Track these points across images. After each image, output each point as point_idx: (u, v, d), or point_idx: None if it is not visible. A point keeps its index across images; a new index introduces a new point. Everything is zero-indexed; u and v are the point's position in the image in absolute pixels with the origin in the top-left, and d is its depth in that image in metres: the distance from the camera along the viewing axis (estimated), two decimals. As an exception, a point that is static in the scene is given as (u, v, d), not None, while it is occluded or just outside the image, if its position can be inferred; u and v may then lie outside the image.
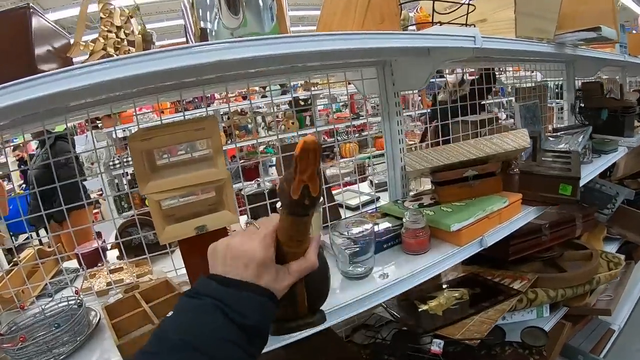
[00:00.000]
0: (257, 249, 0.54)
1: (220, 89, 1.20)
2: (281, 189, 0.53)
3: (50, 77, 0.66)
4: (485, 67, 1.81)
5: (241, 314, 0.51)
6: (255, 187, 1.41)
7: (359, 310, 1.01)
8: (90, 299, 1.20)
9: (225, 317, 0.50)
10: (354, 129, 5.26)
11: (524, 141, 1.29)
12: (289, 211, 0.54)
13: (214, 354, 0.49)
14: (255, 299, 0.53)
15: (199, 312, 0.51)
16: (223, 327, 0.50)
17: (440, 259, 1.13)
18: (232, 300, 0.51)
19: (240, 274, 0.54)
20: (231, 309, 0.51)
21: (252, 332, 0.52)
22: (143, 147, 0.95)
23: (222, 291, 0.52)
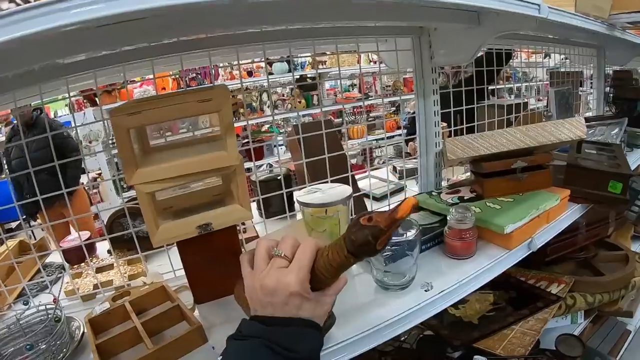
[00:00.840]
0: (293, 284, 0.49)
1: (229, 56, 0.93)
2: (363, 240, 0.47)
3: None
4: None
5: (290, 349, 0.48)
6: (267, 172, 1.14)
7: (398, 332, 0.76)
8: (75, 303, 0.94)
9: (276, 355, 0.48)
10: (361, 110, 4.93)
11: (580, 131, 1.04)
12: (356, 255, 0.49)
13: None
14: (300, 332, 0.50)
15: (250, 354, 0.49)
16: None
17: (489, 266, 0.89)
18: (279, 338, 0.49)
19: (281, 311, 0.51)
20: (280, 346, 0.48)
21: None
22: (130, 124, 0.69)
23: (267, 331, 0.50)
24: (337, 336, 0.69)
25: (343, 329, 0.71)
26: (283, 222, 1.00)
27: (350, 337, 0.69)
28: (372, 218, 0.47)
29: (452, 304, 0.84)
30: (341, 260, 0.50)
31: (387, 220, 0.46)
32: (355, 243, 0.47)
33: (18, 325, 0.80)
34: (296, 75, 4.25)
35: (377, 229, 0.46)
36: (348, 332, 0.70)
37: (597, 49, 1.83)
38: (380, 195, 1.23)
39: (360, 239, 0.47)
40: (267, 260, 0.53)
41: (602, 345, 1.66)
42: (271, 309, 0.50)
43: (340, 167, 0.98)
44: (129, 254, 1.05)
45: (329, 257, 0.50)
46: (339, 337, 0.69)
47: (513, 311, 1.13)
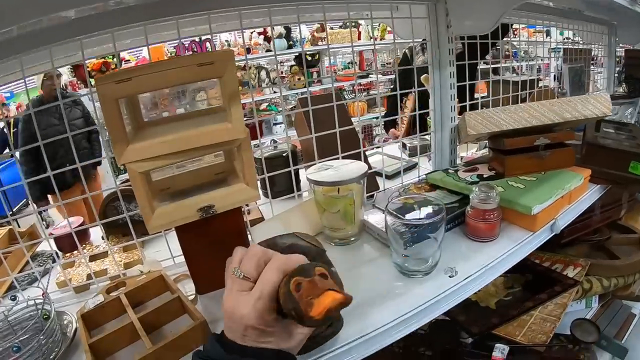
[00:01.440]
0: (247, 317, 0.41)
1: (231, 22, 0.81)
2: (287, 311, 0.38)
3: None
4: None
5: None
6: (271, 149, 1.03)
7: (420, 324, 0.68)
8: (68, 295, 0.84)
9: None
10: (360, 87, 4.77)
11: (606, 108, 0.95)
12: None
13: None
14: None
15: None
16: None
17: (514, 249, 0.80)
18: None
19: (240, 340, 0.43)
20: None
21: None
22: (119, 93, 0.58)
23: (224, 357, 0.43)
24: (353, 333, 0.60)
25: (360, 323, 0.62)
26: (289, 202, 0.90)
27: (369, 333, 0.61)
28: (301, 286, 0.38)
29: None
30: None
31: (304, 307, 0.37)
32: (284, 311, 0.39)
33: (6, 323, 0.71)
34: (295, 52, 4.12)
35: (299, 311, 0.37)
36: (365, 328, 0.61)
37: (609, 26, 1.72)
38: (392, 173, 1.13)
39: (286, 309, 0.38)
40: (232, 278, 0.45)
41: (608, 328, 1.60)
42: (232, 335, 0.43)
43: (350, 143, 0.88)
44: (125, 239, 0.95)
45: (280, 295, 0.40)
46: (356, 333, 0.60)
47: (530, 295, 1.05)
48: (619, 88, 1.69)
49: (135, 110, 0.69)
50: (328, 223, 0.78)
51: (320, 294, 0.37)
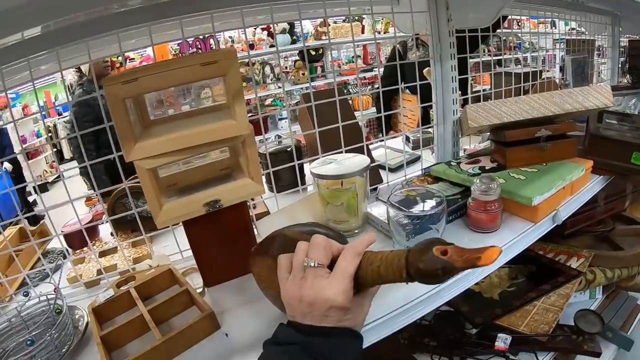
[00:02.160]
0: (333, 298, 0.45)
1: (233, 21, 0.83)
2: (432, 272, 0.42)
3: None
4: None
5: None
6: (276, 144, 1.05)
7: (422, 313, 0.70)
8: (79, 290, 0.87)
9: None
10: (365, 81, 4.76)
11: (607, 99, 0.95)
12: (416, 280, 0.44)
13: None
14: (340, 343, 0.46)
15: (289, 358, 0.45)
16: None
17: (516, 239, 0.81)
18: (318, 347, 0.45)
19: (320, 323, 0.46)
20: (320, 355, 0.44)
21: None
22: (126, 93, 0.60)
23: (306, 340, 0.45)
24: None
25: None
26: (294, 196, 0.92)
27: (372, 322, 0.62)
28: (447, 252, 0.42)
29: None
30: (395, 278, 0.46)
31: (465, 263, 0.41)
32: (422, 272, 0.43)
33: (19, 318, 0.73)
34: (297, 48, 4.08)
35: (451, 267, 0.41)
36: (369, 317, 0.63)
37: (612, 17, 1.71)
38: (396, 166, 1.14)
39: (429, 270, 0.42)
40: (303, 269, 0.48)
41: (613, 320, 1.60)
42: (310, 319, 0.46)
43: (353, 137, 0.89)
44: (134, 235, 0.97)
45: (380, 270, 0.46)
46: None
47: (534, 286, 1.06)
48: (624, 79, 1.68)
49: (141, 109, 0.71)
50: (332, 216, 0.79)
51: (482, 251, 0.41)
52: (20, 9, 0.64)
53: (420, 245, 0.44)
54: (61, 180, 0.85)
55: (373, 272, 0.47)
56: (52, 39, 0.76)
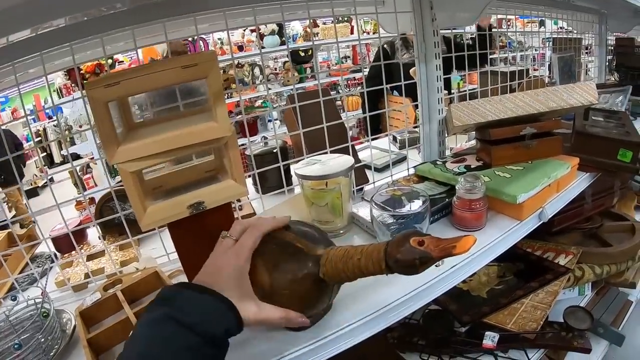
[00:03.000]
0: (227, 265, 0.50)
1: (217, 24, 0.83)
2: (409, 263, 0.45)
3: None
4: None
5: (187, 312, 0.45)
6: (262, 145, 1.06)
7: (408, 312, 0.70)
8: (67, 294, 0.87)
9: (176, 325, 0.44)
10: (354, 82, 4.79)
11: (592, 96, 0.96)
12: (394, 271, 0.47)
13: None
14: (208, 300, 0.47)
15: (153, 327, 0.45)
16: (175, 336, 0.43)
17: (501, 237, 0.82)
18: (182, 301, 0.46)
19: (209, 283, 0.49)
20: (178, 308, 0.45)
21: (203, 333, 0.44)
22: (108, 96, 0.60)
23: (174, 292, 0.47)
24: (344, 320, 0.63)
25: (349, 311, 0.64)
26: (280, 197, 0.92)
27: (358, 320, 0.63)
28: (424, 242, 0.45)
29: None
30: (375, 270, 0.48)
31: (441, 252, 0.44)
32: (400, 263, 0.45)
33: (7, 323, 0.73)
34: (283, 49, 4.09)
35: (428, 256, 0.44)
36: (355, 315, 0.64)
37: (599, 15, 1.74)
38: (382, 166, 1.16)
39: (407, 260, 0.45)
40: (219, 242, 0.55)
41: (604, 316, 1.61)
42: (201, 278, 0.51)
43: (339, 138, 0.90)
44: (121, 239, 0.98)
45: (360, 263, 0.48)
46: (346, 320, 0.63)
47: (522, 284, 1.08)
48: (611, 77, 1.70)
49: (125, 112, 0.72)
50: (317, 216, 0.80)
51: (458, 240, 0.45)
52: (6, 12, 0.64)
53: (398, 237, 0.47)
54: (51, 186, 0.85)
55: (354, 265, 0.48)
56: (38, 43, 0.76)
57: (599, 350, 1.41)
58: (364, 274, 0.49)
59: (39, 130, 4.59)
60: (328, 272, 0.51)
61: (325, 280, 0.52)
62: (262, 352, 0.58)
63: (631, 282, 1.49)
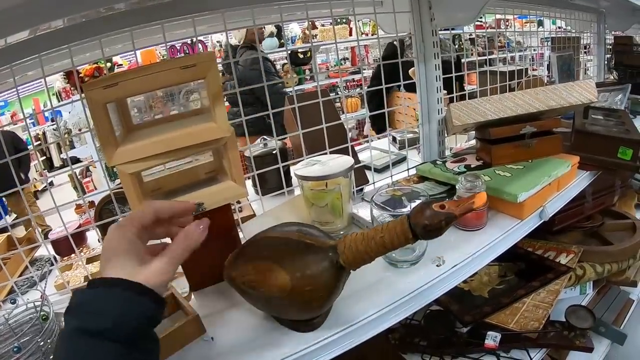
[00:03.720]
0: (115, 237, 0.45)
1: (216, 25, 0.83)
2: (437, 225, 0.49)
3: None
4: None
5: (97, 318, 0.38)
6: (261, 147, 1.06)
7: (410, 312, 0.70)
8: (66, 297, 0.87)
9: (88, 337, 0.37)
10: (353, 84, 4.80)
11: (591, 94, 0.96)
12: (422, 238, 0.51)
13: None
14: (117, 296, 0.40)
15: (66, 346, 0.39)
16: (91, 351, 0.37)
17: (502, 237, 0.82)
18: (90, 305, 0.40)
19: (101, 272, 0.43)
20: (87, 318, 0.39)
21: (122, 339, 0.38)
22: (107, 98, 0.60)
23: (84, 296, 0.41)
24: (346, 320, 0.63)
25: (352, 311, 0.64)
26: (280, 198, 0.92)
27: (360, 320, 0.63)
28: (445, 206, 0.49)
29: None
30: (399, 243, 0.51)
31: (462, 210, 0.49)
32: (428, 227, 0.49)
33: (7, 326, 0.73)
34: (282, 51, 4.10)
35: (452, 216, 0.49)
36: (357, 315, 0.63)
37: (597, 14, 1.74)
38: (382, 167, 1.15)
39: (434, 224, 0.49)
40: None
41: (606, 315, 1.61)
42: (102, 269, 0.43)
43: (338, 138, 0.90)
44: (121, 242, 0.97)
45: (384, 240, 0.51)
46: (349, 321, 0.62)
47: (523, 283, 1.07)
48: (610, 75, 1.70)
49: (124, 114, 0.72)
50: (317, 217, 0.80)
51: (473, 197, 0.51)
52: (4, 13, 0.64)
53: (418, 207, 0.51)
54: (50, 190, 0.85)
55: (377, 244, 0.51)
56: (36, 45, 0.76)
57: (601, 349, 1.40)
58: (388, 249, 0.52)
59: (38, 134, 4.59)
60: (348, 258, 0.53)
61: (345, 267, 0.54)
62: (264, 353, 0.58)
63: (632, 280, 1.49)
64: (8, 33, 0.70)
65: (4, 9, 0.63)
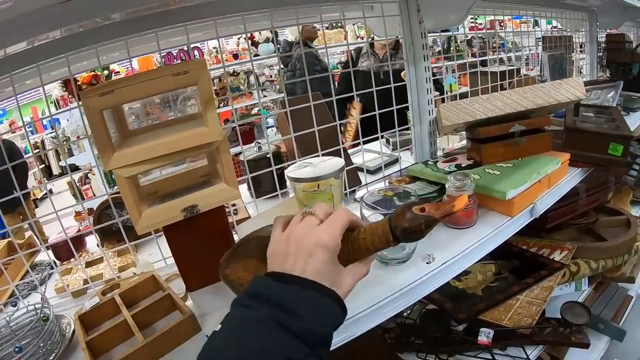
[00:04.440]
0: (323, 236, 0.45)
1: (208, 32, 0.86)
2: (416, 228, 0.48)
3: None
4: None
5: (296, 315, 0.40)
6: (255, 151, 1.08)
7: (400, 308, 0.72)
8: (66, 300, 0.90)
9: (280, 328, 0.39)
10: None
11: (579, 92, 0.99)
12: (402, 241, 0.49)
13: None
14: (320, 300, 0.42)
15: (250, 326, 0.40)
16: (279, 342, 0.39)
17: (492, 234, 0.84)
18: (287, 299, 0.41)
19: (301, 265, 0.43)
20: (284, 310, 0.40)
21: (311, 339, 0.40)
22: (103, 105, 0.63)
23: (275, 288, 0.42)
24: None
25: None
26: (275, 201, 0.95)
27: (351, 317, 0.65)
28: (425, 209, 0.49)
29: (454, 276, 0.80)
30: (381, 245, 0.50)
31: (442, 213, 0.48)
32: (407, 230, 0.48)
33: (8, 328, 0.75)
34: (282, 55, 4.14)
35: (432, 219, 0.48)
36: (351, 311, 0.65)
37: (589, 12, 1.77)
38: (375, 168, 1.18)
39: (414, 227, 0.48)
40: (301, 217, 0.49)
41: (604, 312, 1.62)
42: (291, 264, 0.44)
43: (331, 141, 0.93)
44: (119, 245, 1.00)
45: (366, 241, 0.50)
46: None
47: (517, 280, 1.09)
48: (604, 73, 1.73)
49: (121, 120, 0.74)
50: (310, 218, 0.82)
51: (454, 200, 0.50)
52: (2, 25, 0.67)
53: (399, 209, 0.50)
54: (51, 197, 0.88)
55: (360, 245, 0.50)
56: (35, 55, 0.79)
57: (600, 346, 1.42)
58: (370, 250, 0.51)
59: (37, 142, 4.63)
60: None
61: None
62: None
63: (629, 276, 1.50)
64: (7, 44, 0.73)
65: (2, 22, 0.65)
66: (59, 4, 0.65)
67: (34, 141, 4.63)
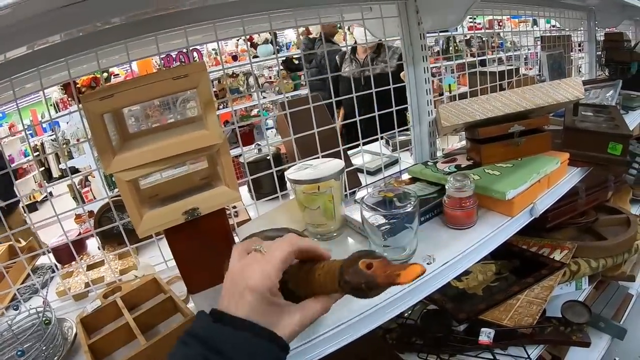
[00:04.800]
0: (252, 278, 0.43)
1: (208, 35, 0.86)
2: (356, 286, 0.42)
3: None
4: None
5: (226, 356, 0.40)
6: (255, 152, 1.09)
7: (402, 309, 0.72)
8: (68, 303, 0.90)
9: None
10: None
11: (578, 92, 0.99)
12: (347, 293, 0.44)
13: None
14: (246, 338, 0.41)
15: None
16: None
17: (492, 234, 0.84)
18: (220, 339, 0.41)
19: (234, 307, 0.43)
20: (217, 351, 0.40)
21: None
22: (103, 108, 0.63)
23: (210, 329, 0.42)
24: (339, 317, 0.65)
25: (345, 309, 0.67)
26: (275, 203, 0.95)
27: (353, 318, 0.65)
28: (372, 265, 0.42)
29: (455, 276, 0.80)
30: (332, 289, 0.45)
31: (386, 279, 0.41)
32: (349, 285, 0.43)
33: (10, 332, 0.76)
34: (281, 57, 4.17)
35: (374, 282, 0.41)
36: (350, 313, 0.66)
37: (588, 11, 1.77)
38: (375, 169, 1.18)
39: (354, 283, 0.42)
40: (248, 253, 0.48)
41: (605, 310, 1.63)
42: (226, 301, 0.44)
43: (331, 142, 0.93)
44: (120, 248, 1.00)
45: (320, 278, 0.46)
46: (341, 318, 0.65)
47: (517, 280, 1.09)
48: (603, 72, 1.73)
49: (121, 123, 0.75)
50: (310, 220, 0.83)
51: (405, 268, 0.41)
52: (2, 30, 0.67)
53: (352, 256, 0.45)
54: (51, 200, 0.88)
55: (313, 281, 0.46)
56: (34, 59, 0.79)
57: (601, 344, 1.42)
58: (323, 290, 0.46)
59: (36, 145, 4.64)
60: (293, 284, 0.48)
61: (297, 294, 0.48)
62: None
63: (629, 275, 1.51)
64: (7, 49, 0.73)
65: (2, 27, 0.66)
66: (59, 9, 0.66)
67: (34, 144, 4.64)
